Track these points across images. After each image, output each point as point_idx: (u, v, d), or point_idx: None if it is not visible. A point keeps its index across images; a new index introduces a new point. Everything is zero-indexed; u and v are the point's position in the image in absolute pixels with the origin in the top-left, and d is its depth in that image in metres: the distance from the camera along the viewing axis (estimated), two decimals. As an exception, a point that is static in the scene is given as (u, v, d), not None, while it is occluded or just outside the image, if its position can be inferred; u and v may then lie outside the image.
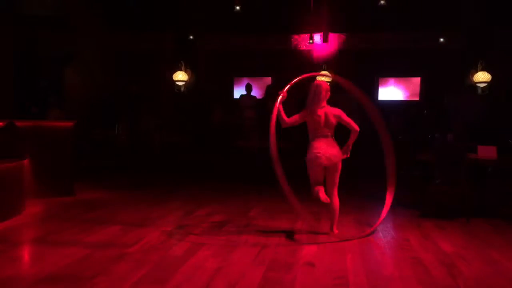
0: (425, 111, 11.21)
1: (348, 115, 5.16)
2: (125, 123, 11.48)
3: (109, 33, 12.09)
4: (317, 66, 11.82)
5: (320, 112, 5.01)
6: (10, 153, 5.91)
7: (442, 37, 11.54)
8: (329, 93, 5.11)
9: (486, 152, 6.30)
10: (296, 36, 12.18)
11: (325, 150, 4.92)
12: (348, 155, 5.09)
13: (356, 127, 5.06)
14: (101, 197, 7.12)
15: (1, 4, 9.75)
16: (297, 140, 9.98)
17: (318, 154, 4.90)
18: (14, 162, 5.83)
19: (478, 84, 11.08)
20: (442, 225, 5.70)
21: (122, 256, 4.25)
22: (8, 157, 5.77)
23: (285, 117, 5.03)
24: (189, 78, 12.29)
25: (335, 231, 5.14)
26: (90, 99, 11.57)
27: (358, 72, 11.91)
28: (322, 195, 4.88)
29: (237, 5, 10.98)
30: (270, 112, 5.08)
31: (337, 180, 5.09)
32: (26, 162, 6.18)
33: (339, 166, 5.03)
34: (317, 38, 12.05)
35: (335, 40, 12.07)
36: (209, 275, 3.81)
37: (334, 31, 11.92)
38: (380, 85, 12.27)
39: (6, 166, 5.62)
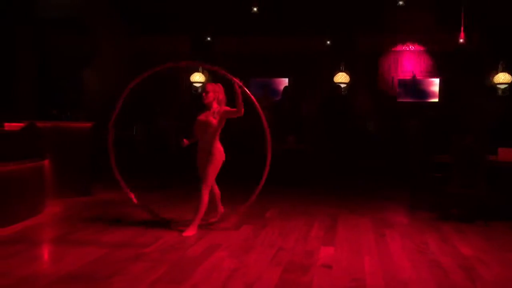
0: (445, 113, 11.09)
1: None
2: (142, 124, 11.57)
3: (127, 35, 12.21)
4: (336, 67, 11.77)
5: None
6: (31, 153, 6.01)
7: (461, 38, 11.40)
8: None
9: (507, 154, 6.21)
10: None
11: None
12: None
13: None
14: (118, 198, 7.17)
15: (22, 8, 9.92)
16: (311, 140, 9.96)
17: None
18: (35, 162, 5.92)
19: (499, 86, 10.92)
20: (461, 228, 5.62)
21: (139, 256, 4.29)
22: (29, 158, 5.86)
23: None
24: (206, 80, 12.34)
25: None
26: (109, 101, 11.68)
27: (377, 73, 11.86)
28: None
29: (255, 7, 10.99)
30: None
31: None
32: (46, 162, 6.27)
33: None
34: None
35: None
36: (226, 276, 3.82)
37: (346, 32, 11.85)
38: (398, 86, 12.15)
39: (27, 166, 5.71)
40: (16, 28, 9.92)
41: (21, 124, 6.58)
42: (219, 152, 5.20)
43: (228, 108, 5.22)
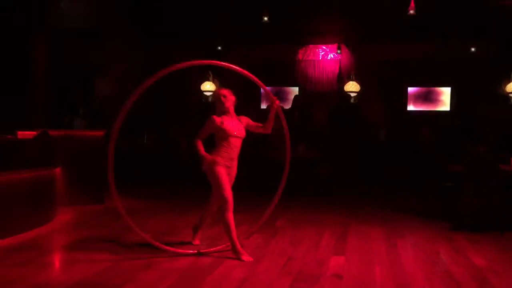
0: (456, 122, 11.03)
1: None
2: (153, 132, 11.63)
3: (140, 44, 12.32)
4: (345, 76, 11.78)
5: None
6: (43, 161, 6.06)
7: (473, 47, 11.34)
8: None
9: (520, 163, 6.15)
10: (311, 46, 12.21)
11: None
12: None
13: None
14: (129, 206, 7.19)
15: (36, 17, 10.06)
16: (321, 148, 9.92)
17: None
18: (47, 170, 5.97)
19: (511, 95, 10.83)
20: (474, 238, 5.56)
21: (150, 264, 4.29)
22: (41, 166, 5.91)
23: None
24: (217, 88, 12.40)
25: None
26: (120, 109, 11.78)
27: (387, 82, 11.83)
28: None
29: (265, 16, 11.04)
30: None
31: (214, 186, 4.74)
32: (58, 170, 6.32)
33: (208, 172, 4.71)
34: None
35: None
36: (236, 285, 3.80)
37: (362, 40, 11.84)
38: (409, 95, 12.10)
39: (39, 174, 5.76)
40: (31, 36, 10.05)
41: (34, 133, 6.66)
42: None
43: (252, 122, 4.83)
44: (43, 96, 10.31)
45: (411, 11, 9.72)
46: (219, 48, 12.33)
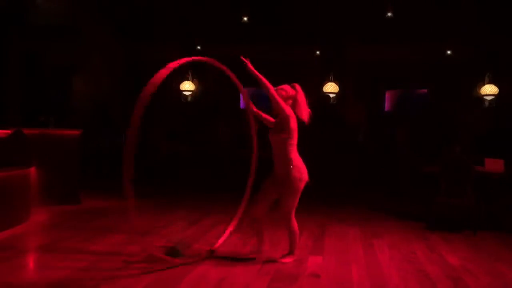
0: (432, 123, 11.20)
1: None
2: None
3: (117, 43, 12.19)
4: (325, 76, 11.84)
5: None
6: (17, 161, 5.94)
7: (449, 50, 11.53)
8: (281, 91, 4.66)
9: (493, 165, 6.27)
10: None
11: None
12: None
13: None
14: (106, 206, 7.13)
15: (11, 15, 9.87)
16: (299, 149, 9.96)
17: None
18: (21, 170, 5.86)
19: (485, 97, 11.04)
20: (449, 238, 5.66)
21: (127, 265, 4.25)
22: (15, 165, 5.80)
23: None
24: (196, 88, 12.35)
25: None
26: (98, 108, 11.64)
27: (365, 84, 11.94)
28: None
29: (245, 16, 11.04)
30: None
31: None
32: (32, 170, 6.21)
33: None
34: None
35: None
36: (213, 286, 3.79)
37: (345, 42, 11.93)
38: (386, 96, 12.25)
39: (13, 174, 5.65)
40: (5, 34, 9.87)
41: (8, 131, 6.52)
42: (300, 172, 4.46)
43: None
44: (17, 95, 10.13)
45: (389, 13, 9.84)
46: (199, 47, 12.28)
